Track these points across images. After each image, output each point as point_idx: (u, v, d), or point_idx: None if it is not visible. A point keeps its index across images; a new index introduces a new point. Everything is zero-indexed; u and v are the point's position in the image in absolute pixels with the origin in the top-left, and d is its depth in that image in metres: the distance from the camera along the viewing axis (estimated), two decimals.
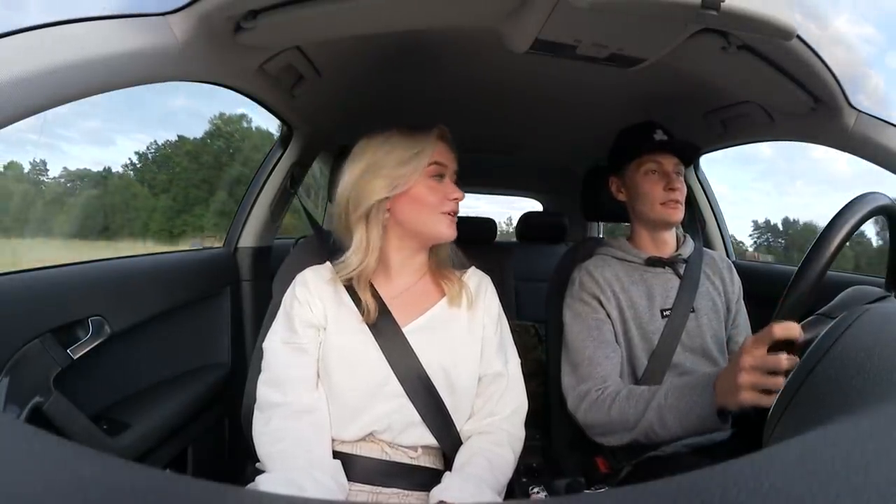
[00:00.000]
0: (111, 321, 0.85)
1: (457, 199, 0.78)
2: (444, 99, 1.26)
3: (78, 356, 0.78)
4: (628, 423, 0.82)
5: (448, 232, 0.78)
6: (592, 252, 1.09)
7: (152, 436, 0.92)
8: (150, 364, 1.03)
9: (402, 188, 0.75)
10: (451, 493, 0.64)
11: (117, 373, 0.94)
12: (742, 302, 1.04)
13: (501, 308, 0.85)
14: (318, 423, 0.71)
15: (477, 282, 0.84)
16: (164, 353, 1.07)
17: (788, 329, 0.59)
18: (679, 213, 0.96)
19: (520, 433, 0.78)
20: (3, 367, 0.67)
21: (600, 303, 0.97)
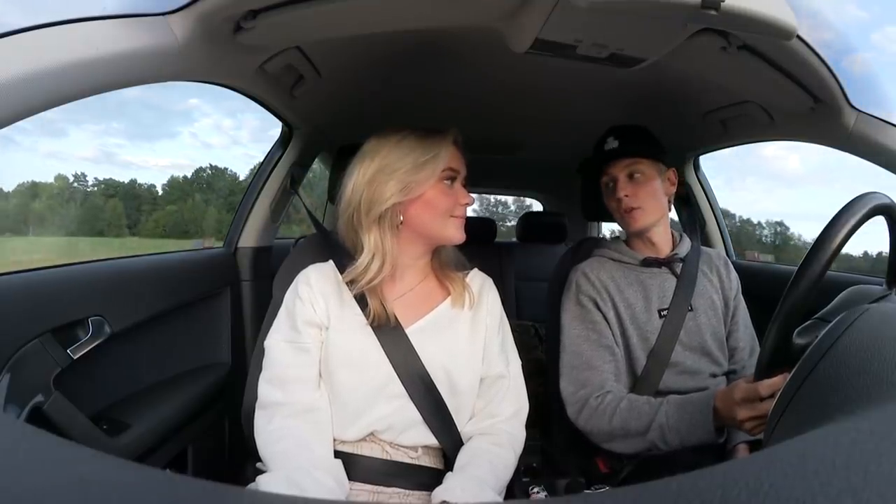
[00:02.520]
0: (111, 321, 0.85)
1: (467, 204, 0.79)
2: (443, 99, 1.26)
3: (78, 356, 0.78)
4: (630, 434, 0.85)
5: (458, 235, 0.78)
6: (590, 253, 1.09)
7: (152, 436, 0.92)
8: (150, 364, 1.03)
9: (416, 192, 0.74)
10: (454, 494, 0.64)
11: (117, 373, 0.94)
12: (741, 297, 1.04)
13: (503, 310, 0.85)
14: (320, 423, 0.71)
15: (480, 283, 0.84)
16: (164, 353, 1.07)
17: (773, 387, 0.68)
18: (636, 221, 0.96)
19: (521, 434, 0.78)
20: (3, 367, 0.67)
21: (597, 305, 0.97)
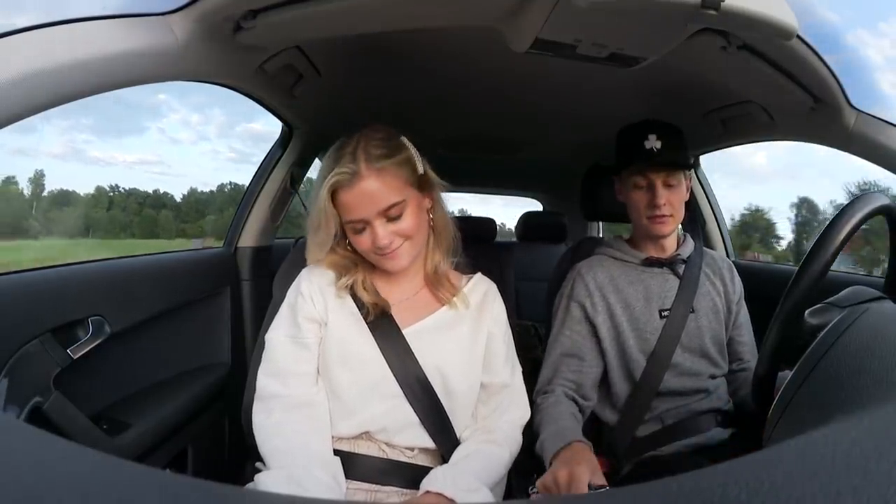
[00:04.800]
0: (111, 321, 0.85)
1: (381, 248, 0.71)
2: (443, 99, 1.26)
3: (78, 356, 0.78)
4: (536, 435, 0.85)
5: (389, 266, 0.74)
6: (590, 253, 1.09)
7: (152, 436, 0.92)
8: (150, 364, 1.03)
9: (328, 244, 0.74)
10: (437, 484, 0.64)
11: (117, 373, 0.94)
12: (743, 302, 1.04)
13: (507, 317, 0.84)
14: (318, 418, 0.71)
15: (484, 290, 0.83)
16: (164, 353, 1.07)
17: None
18: (666, 227, 0.94)
19: (518, 438, 0.79)
20: (3, 367, 0.67)
21: (585, 312, 0.97)
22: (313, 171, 1.48)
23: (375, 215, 0.70)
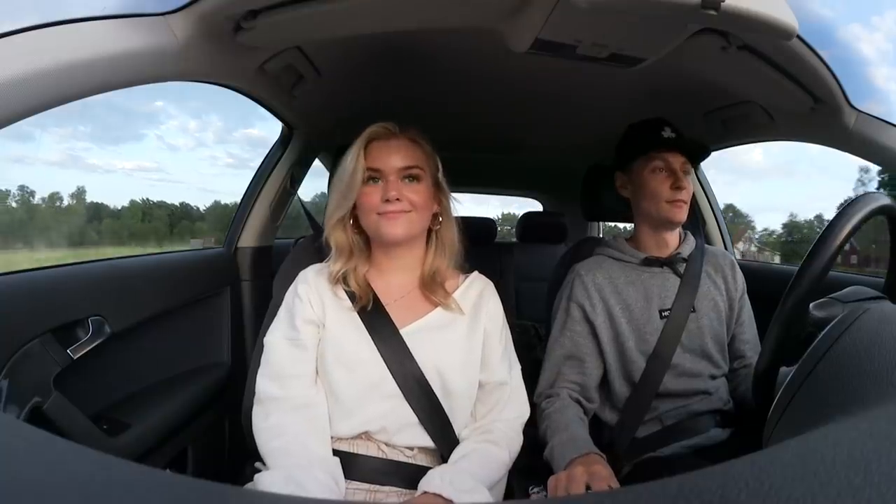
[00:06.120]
0: (111, 321, 0.85)
1: (388, 201, 0.74)
2: (444, 99, 1.26)
3: (78, 356, 0.78)
4: (544, 441, 0.86)
5: (385, 231, 0.74)
6: (591, 253, 1.09)
7: (152, 436, 0.92)
8: (150, 364, 1.03)
9: (350, 200, 0.76)
10: (434, 485, 0.64)
11: (117, 373, 0.94)
12: (746, 298, 1.03)
13: (505, 316, 0.84)
14: (317, 419, 0.71)
15: (480, 288, 0.83)
16: (164, 353, 1.07)
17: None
18: (683, 213, 0.95)
19: (518, 437, 0.79)
20: (3, 367, 0.67)
21: (584, 313, 0.97)
22: (313, 171, 1.49)
23: (394, 171, 0.75)
